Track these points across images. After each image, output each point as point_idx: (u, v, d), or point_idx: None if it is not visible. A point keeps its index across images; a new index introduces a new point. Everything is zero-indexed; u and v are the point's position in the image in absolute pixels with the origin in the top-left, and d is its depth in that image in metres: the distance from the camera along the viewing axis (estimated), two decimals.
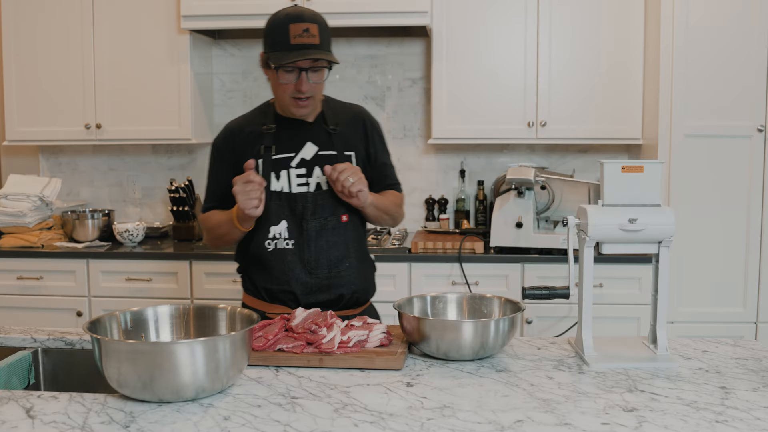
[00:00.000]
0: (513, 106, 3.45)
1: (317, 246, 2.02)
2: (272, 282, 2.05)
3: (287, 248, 2.03)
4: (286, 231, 2.03)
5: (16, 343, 1.87)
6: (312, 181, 2.04)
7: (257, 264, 2.08)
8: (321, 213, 2.03)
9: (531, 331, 3.24)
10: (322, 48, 1.94)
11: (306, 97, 1.98)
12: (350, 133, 2.10)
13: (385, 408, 1.39)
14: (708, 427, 1.30)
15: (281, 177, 2.03)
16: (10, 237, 3.50)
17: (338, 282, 2.05)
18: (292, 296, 2.04)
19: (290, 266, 2.03)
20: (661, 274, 1.74)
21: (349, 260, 2.06)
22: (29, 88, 3.66)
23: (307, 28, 1.92)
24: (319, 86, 2.01)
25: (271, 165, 2.03)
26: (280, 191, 2.02)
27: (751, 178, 3.23)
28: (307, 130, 2.07)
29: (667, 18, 3.19)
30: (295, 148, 2.05)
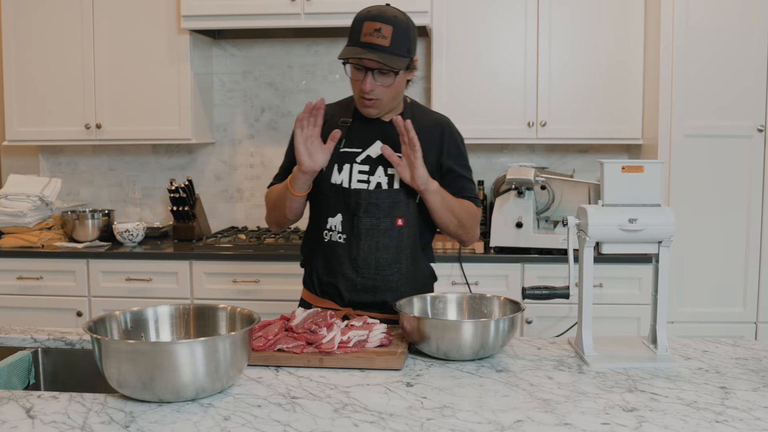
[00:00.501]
0: (513, 106, 3.45)
1: (367, 245, 2.00)
2: (324, 273, 2.06)
3: (339, 242, 2.03)
4: (340, 224, 2.02)
5: (16, 343, 1.87)
6: (373, 180, 2.01)
7: (316, 253, 2.09)
8: (374, 212, 1.99)
9: (531, 331, 3.24)
10: (391, 52, 1.90)
11: (370, 98, 1.96)
12: (425, 139, 2.03)
13: (385, 408, 1.39)
14: (708, 427, 1.30)
15: (343, 170, 2.02)
16: (10, 237, 3.50)
17: (385, 286, 2.02)
18: (337, 291, 2.04)
19: (339, 260, 2.02)
20: (661, 274, 1.74)
21: (398, 265, 2.02)
22: (29, 88, 3.66)
23: (379, 28, 1.89)
24: (387, 89, 1.96)
25: (336, 157, 2.02)
26: (339, 184, 2.02)
27: (751, 178, 3.23)
28: (380, 128, 2.05)
29: (667, 18, 3.19)
30: (363, 145, 2.03)
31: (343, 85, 3.83)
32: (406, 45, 1.94)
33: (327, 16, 3.33)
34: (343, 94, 3.95)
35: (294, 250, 3.32)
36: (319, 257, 2.08)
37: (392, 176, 2.01)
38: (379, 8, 1.95)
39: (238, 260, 3.31)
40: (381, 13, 1.92)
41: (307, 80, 3.86)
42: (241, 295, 3.31)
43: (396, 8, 1.97)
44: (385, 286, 2.02)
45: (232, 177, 3.95)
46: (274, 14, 3.36)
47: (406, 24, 1.95)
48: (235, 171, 3.94)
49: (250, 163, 3.93)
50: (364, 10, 1.96)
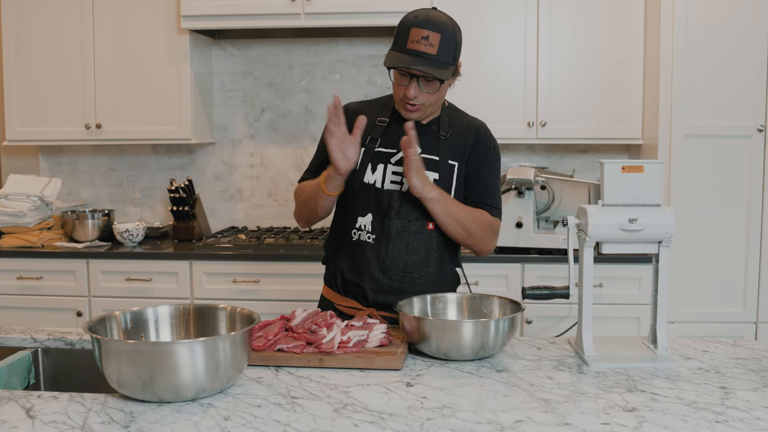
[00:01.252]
0: (513, 106, 3.45)
1: (396, 247, 1.99)
2: (348, 272, 2.05)
3: (368, 242, 2.02)
4: (370, 224, 2.01)
5: (16, 343, 1.87)
6: (406, 182, 1.98)
7: (341, 251, 2.09)
8: (406, 215, 1.98)
9: (531, 331, 3.24)
10: (437, 59, 1.87)
11: (413, 104, 1.95)
12: (460, 143, 2.03)
13: (385, 408, 1.39)
14: (708, 427, 1.30)
15: (377, 170, 2.01)
16: (10, 237, 3.50)
17: (411, 288, 2.01)
18: (362, 291, 2.03)
19: (367, 260, 2.02)
20: (661, 274, 1.74)
21: (426, 269, 2.01)
22: (29, 88, 3.66)
23: (427, 35, 1.86)
24: (433, 96, 1.95)
25: (371, 156, 2.02)
26: (372, 184, 2.01)
27: (751, 178, 3.23)
28: (417, 131, 2.00)
29: (667, 18, 3.19)
30: (399, 146, 1.99)
31: (343, 85, 3.83)
32: (453, 53, 1.91)
33: (327, 16, 3.33)
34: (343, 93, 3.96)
35: (294, 250, 3.32)
36: (345, 256, 2.07)
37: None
38: (427, 14, 1.91)
39: (238, 260, 3.31)
40: (429, 19, 1.89)
41: (307, 80, 3.86)
42: (241, 295, 3.31)
43: (443, 13, 1.95)
44: (411, 289, 2.01)
45: (232, 177, 3.95)
46: (274, 14, 3.36)
47: (453, 31, 1.92)
48: (235, 171, 3.94)
49: (250, 163, 3.93)
50: (411, 14, 1.92)
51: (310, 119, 3.87)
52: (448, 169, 2.02)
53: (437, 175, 2.00)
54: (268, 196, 3.93)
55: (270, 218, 3.94)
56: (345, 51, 3.82)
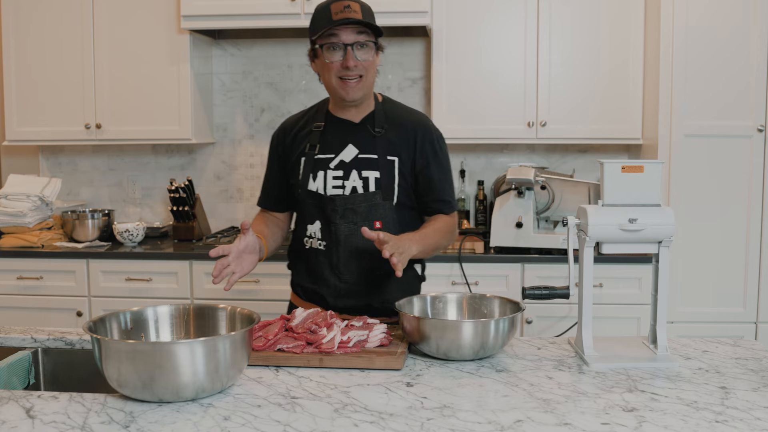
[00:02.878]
0: (513, 106, 3.45)
1: (347, 251, 1.98)
2: (306, 280, 2.07)
3: (319, 249, 2.02)
4: (319, 231, 2.02)
5: (16, 343, 1.87)
6: (348, 185, 1.98)
7: (298, 259, 2.11)
8: (352, 218, 1.97)
9: (531, 331, 3.24)
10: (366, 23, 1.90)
11: (353, 77, 1.91)
12: (399, 138, 2.00)
13: (385, 408, 1.39)
14: (708, 427, 1.30)
15: (318, 177, 2.00)
16: (10, 237, 3.50)
17: (368, 290, 2.01)
18: (321, 297, 2.04)
19: (320, 267, 2.02)
20: (661, 274, 1.74)
21: (381, 269, 1.98)
22: (29, 88, 3.66)
23: (348, 5, 1.89)
24: (369, 65, 1.93)
25: (311, 164, 2.01)
26: (315, 191, 2.00)
27: (751, 178, 3.23)
28: (351, 131, 2.02)
29: (667, 18, 3.19)
30: (336, 150, 2.01)
31: None
32: (373, 20, 1.94)
33: None
34: None
35: None
36: (302, 263, 2.09)
37: (367, 179, 1.98)
38: None
39: None
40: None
41: (307, 80, 3.86)
42: (241, 295, 3.31)
43: None
44: (369, 290, 2.01)
45: (232, 177, 3.95)
46: (274, 14, 3.36)
47: (367, 4, 1.96)
48: (235, 171, 3.94)
49: (250, 163, 3.93)
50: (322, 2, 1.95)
51: None
52: (388, 165, 1.99)
53: (378, 173, 1.98)
54: None
55: None
56: None
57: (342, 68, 1.91)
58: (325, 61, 1.93)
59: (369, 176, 1.98)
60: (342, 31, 1.89)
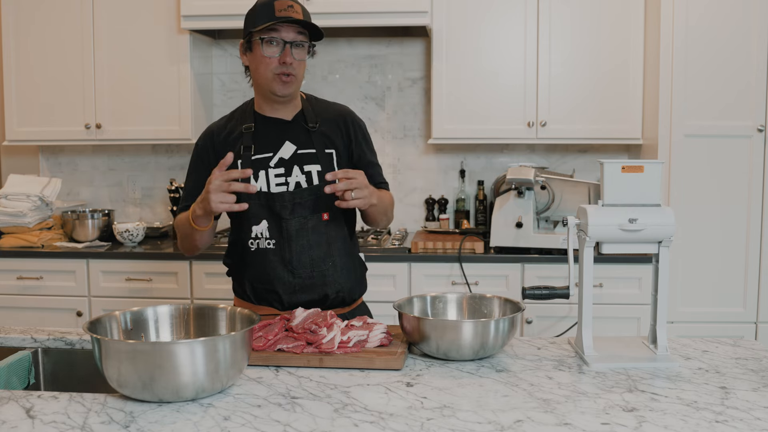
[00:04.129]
0: (513, 106, 3.45)
1: (298, 245, 2.00)
2: (257, 281, 2.05)
3: (269, 248, 2.02)
4: (267, 231, 2.01)
5: (16, 343, 1.87)
6: (291, 181, 2.01)
7: (243, 264, 2.08)
8: (300, 212, 2.00)
9: (531, 331, 3.24)
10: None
11: (290, 73, 1.96)
12: (331, 131, 2.07)
13: (385, 408, 1.39)
14: (708, 427, 1.30)
15: (260, 177, 2.01)
16: (10, 237, 3.50)
17: (322, 281, 2.03)
18: (276, 296, 2.03)
19: (272, 266, 2.01)
20: (661, 274, 1.74)
21: (332, 259, 2.03)
22: (29, 88, 3.66)
23: (291, 5, 1.93)
24: (302, 65, 1.99)
25: (249, 165, 2.01)
26: (259, 191, 2.01)
27: (751, 178, 3.23)
28: (285, 129, 2.05)
29: (667, 18, 3.19)
30: (273, 148, 2.03)
31: (343, 85, 3.83)
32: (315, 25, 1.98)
33: (327, 15, 3.33)
34: (342, 93, 3.96)
35: None
36: (250, 266, 2.06)
37: (309, 173, 2.01)
38: None
39: None
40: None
41: (307, 80, 3.86)
42: None
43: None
44: (323, 282, 2.03)
45: None
46: None
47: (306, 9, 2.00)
48: None
49: None
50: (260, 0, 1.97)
51: None
52: (327, 158, 2.04)
53: (319, 166, 2.02)
54: None
55: None
56: (344, 51, 3.82)
57: (279, 64, 1.95)
58: (263, 55, 1.96)
59: (311, 170, 2.02)
60: (284, 29, 1.94)
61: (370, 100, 3.83)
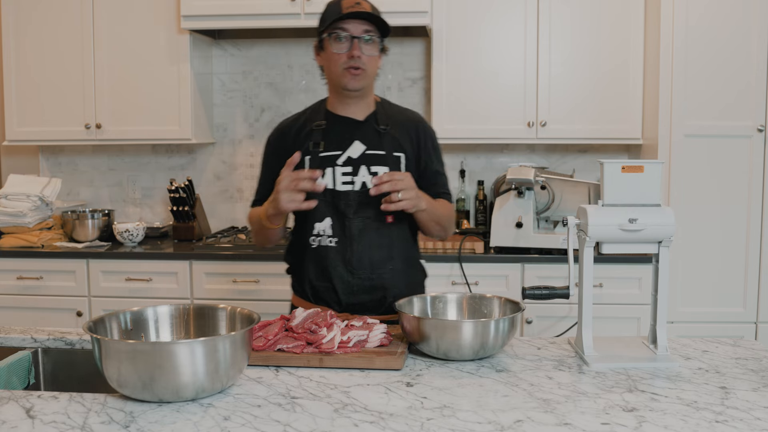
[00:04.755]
0: (513, 106, 3.45)
1: (360, 245, 2.00)
2: (316, 279, 2.06)
3: (330, 246, 2.03)
4: (330, 228, 2.02)
5: (16, 343, 1.87)
6: (357, 180, 2.01)
7: (303, 260, 2.09)
8: (364, 212, 2.00)
9: (531, 331, 3.24)
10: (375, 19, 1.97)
11: (359, 67, 1.97)
12: (402, 135, 2.07)
13: (385, 408, 1.39)
14: (708, 427, 1.30)
15: (326, 174, 2.02)
16: (10, 237, 3.50)
17: (381, 284, 2.02)
18: (334, 295, 2.04)
19: (332, 264, 2.02)
20: (661, 274, 1.74)
21: (393, 263, 2.03)
22: (29, 88, 3.66)
23: (358, 1, 1.95)
24: (372, 60, 2.00)
25: (318, 162, 2.02)
26: (325, 188, 2.01)
27: (751, 178, 3.23)
28: (356, 128, 2.05)
29: (667, 18, 3.19)
30: (342, 146, 2.03)
31: None
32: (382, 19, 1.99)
33: None
34: None
35: None
36: (310, 264, 2.07)
37: (376, 174, 2.00)
38: None
39: (238, 260, 3.31)
40: None
41: (307, 80, 3.86)
42: (241, 295, 3.31)
43: None
44: (381, 285, 2.02)
45: (232, 177, 3.95)
46: (274, 14, 3.36)
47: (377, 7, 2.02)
48: (235, 171, 3.94)
49: (250, 163, 3.93)
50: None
51: None
52: (395, 161, 2.05)
53: (387, 168, 2.02)
54: None
55: None
56: None
57: (347, 59, 1.96)
58: (332, 51, 1.97)
59: (378, 171, 2.01)
60: (350, 24, 1.95)
61: None
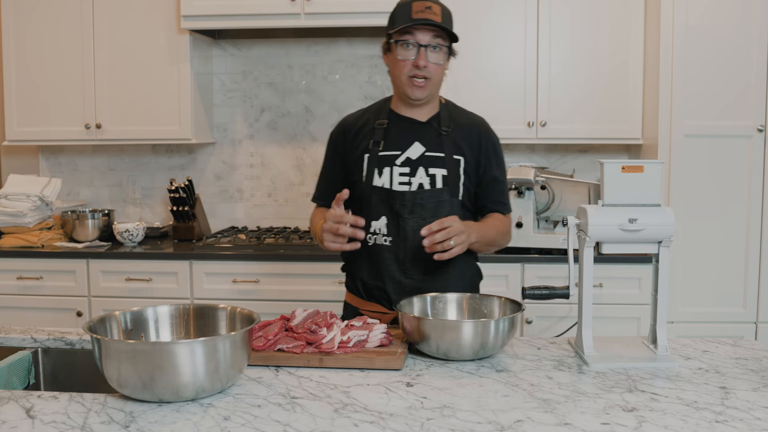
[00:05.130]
0: (513, 106, 3.45)
1: (414, 246, 1.99)
2: (368, 277, 2.06)
3: (385, 245, 2.03)
4: (385, 227, 2.02)
5: (16, 343, 1.87)
6: (414, 181, 2.01)
7: (359, 257, 2.08)
8: (419, 213, 2.00)
9: (531, 331, 3.24)
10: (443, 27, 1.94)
11: (423, 77, 1.96)
12: (463, 139, 2.06)
13: (385, 408, 1.39)
14: (708, 427, 1.30)
15: (384, 173, 2.02)
16: (10, 237, 3.50)
17: (433, 286, 2.01)
18: (385, 294, 2.04)
19: (386, 263, 2.02)
20: (661, 274, 1.74)
21: (445, 265, 2.01)
22: (29, 88, 3.66)
23: (429, 6, 1.93)
24: (438, 69, 1.98)
25: (376, 161, 2.02)
26: (382, 187, 2.01)
27: (751, 178, 3.23)
28: (417, 129, 2.05)
29: (667, 18, 3.19)
30: (402, 147, 2.03)
31: (343, 86, 3.83)
32: (451, 25, 1.98)
33: (327, 16, 3.33)
34: (342, 94, 3.96)
35: (294, 250, 3.32)
36: (364, 261, 2.07)
37: (434, 176, 2.01)
38: None
39: (238, 260, 3.31)
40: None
41: (307, 80, 3.86)
42: (241, 295, 3.31)
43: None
44: (434, 287, 2.01)
45: (232, 177, 3.95)
46: (274, 14, 3.36)
47: (447, 8, 2.00)
48: (235, 171, 3.94)
49: (250, 163, 3.93)
50: None
51: (310, 119, 3.87)
52: (454, 164, 2.04)
53: (445, 171, 2.02)
54: (268, 196, 3.93)
55: (270, 218, 3.94)
56: (345, 51, 3.82)
57: (413, 67, 1.96)
58: (398, 58, 1.97)
59: (436, 173, 2.01)
60: (419, 31, 1.94)
61: (370, 100, 3.83)
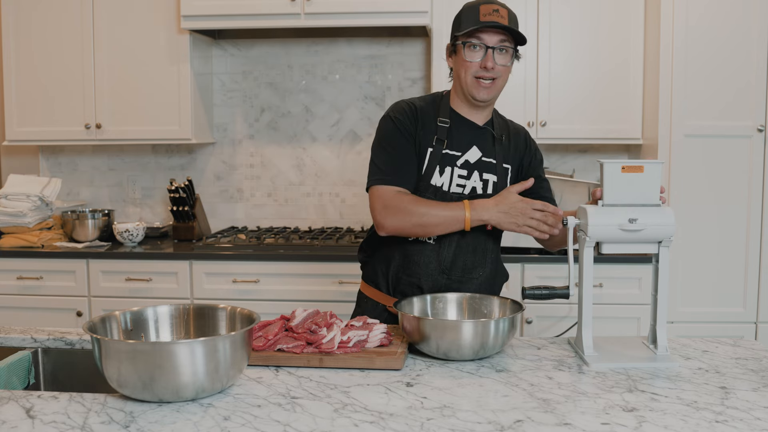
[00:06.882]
0: (513, 106, 3.44)
1: (457, 247, 2.01)
2: (404, 272, 2.05)
3: (427, 242, 2.03)
4: None
5: (16, 343, 1.87)
6: (468, 185, 2.02)
7: (393, 251, 2.06)
8: None
9: (531, 331, 3.24)
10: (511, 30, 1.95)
11: (489, 78, 1.96)
12: (513, 146, 2.09)
13: (385, 408, 1.39)
14: (708, 427, 1.30)
15: (444, 173, 2.01)
16: (10, 237, 3.50)
17: (467, 287, 2.04)
18: (419, 291, 2.04)
19: (426, 261, 2.02)
20: (661, 274, 1.74)
21: (483, 269, 2.05)
22: (29, 88, 3.66)
23: (497, 8, 1.93)
24: (505, 71, 1.98)
25: (439, 158, 2.01)
26: (440, 187, 2.01)
27: (751, 178, 3.23)
28: (476, 133, 2.05)
29: (667, 18, 3.19)
30: (462, 149, 2.03)
31: (343, 85, 3.83)
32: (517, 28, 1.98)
33: (327, 16, 3.33)
34: (342, 94, 3.96)
35: (294, 250, 3.32)
36: (399, 256, 2.06)
37: (486, 181, 2.03)
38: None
39: (238, 260, 3.31)
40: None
41: (307, 80, 3.86)
42: (241, 295, 3.31)
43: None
44: (467, 288, 2.04)
45: (232, 177, 3.95)
46: (274, 14, 3.36)
47: (513, 11, 2.01)
48: (235, 171, 3.94)
49: (250, 163, 3.93)
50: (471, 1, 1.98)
51: (310, 119, 3.87)
52: (503, 171, 2.06)
53: (496, 177, 2.04)
54: (268, 196, 3.93)
55: (270, 218, 3.94)
56: (345, 51, 3.82)
57: (480, 68, 1.96)
58: (464, 59, 1.96)
59: (489, 179, 2.03)
60: (486, 34, 1.94)
61: (370, 100, 3.83)
